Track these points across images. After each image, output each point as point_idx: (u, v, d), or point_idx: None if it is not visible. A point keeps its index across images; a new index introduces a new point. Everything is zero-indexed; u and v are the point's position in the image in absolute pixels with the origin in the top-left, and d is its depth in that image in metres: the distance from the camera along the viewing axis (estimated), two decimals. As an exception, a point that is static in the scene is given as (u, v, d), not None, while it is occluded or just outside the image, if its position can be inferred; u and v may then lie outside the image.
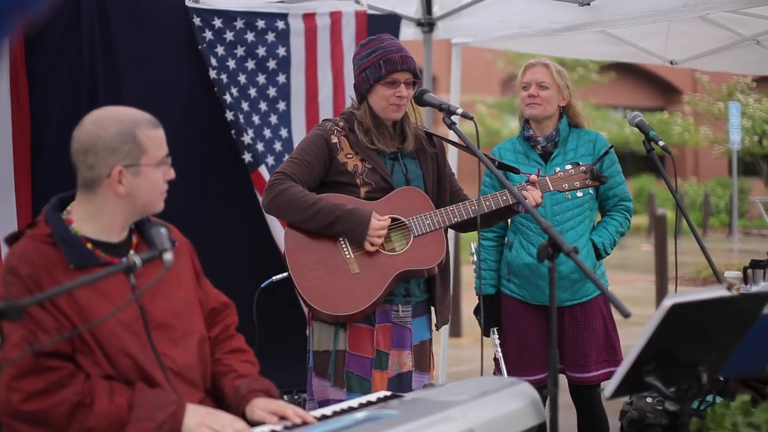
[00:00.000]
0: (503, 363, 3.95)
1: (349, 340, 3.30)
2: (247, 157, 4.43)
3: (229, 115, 4.40)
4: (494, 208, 3.37)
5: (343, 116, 3.47)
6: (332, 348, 3.32)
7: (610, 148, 3.66)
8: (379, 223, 3.25)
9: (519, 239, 4.01)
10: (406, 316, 3.38)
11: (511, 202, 3.37)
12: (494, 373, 4.00)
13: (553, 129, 4.02)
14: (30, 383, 2.17)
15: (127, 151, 2.30)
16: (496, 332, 4.02)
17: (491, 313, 4.03)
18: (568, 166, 3.50)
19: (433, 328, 3.53)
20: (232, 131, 4.42)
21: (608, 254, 4.04)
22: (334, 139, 3.36)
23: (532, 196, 3.36)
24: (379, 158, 3.37)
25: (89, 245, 2.33)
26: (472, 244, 4.14)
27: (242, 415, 2.43)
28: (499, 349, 3.96)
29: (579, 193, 3.53)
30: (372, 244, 3.25)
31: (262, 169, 4.45)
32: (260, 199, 4.41)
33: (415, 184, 3.42)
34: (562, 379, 4.01)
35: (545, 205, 3.93)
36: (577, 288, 3.97)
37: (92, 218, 2.35)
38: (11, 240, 2.36)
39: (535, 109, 3.99)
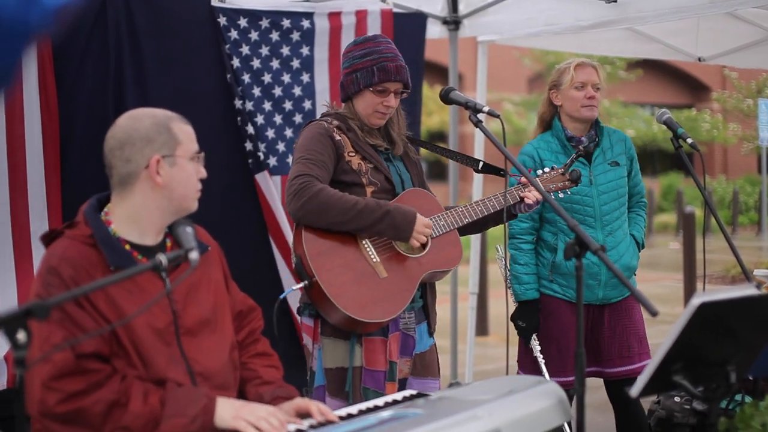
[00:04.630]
0: (545, 368, 3.91)
1: (365, 355, 3.19)
2: (253, 160, 4.44)
3: (238, 120, 4.41)
4: (499, 208, 3.35)
5: (333, 116, 3.33)
6: (349, 365, 3.19)
7: (578, 153, 3.61)
8: (425, 220, 3.19)
9: (564, 240, 3.94)
10: (411, 323, 3.32)
11: (512, 202, 3.36)
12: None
13: (591, 129, 4.03)
14: (69, 384, 2.19)
15: (163, 142, 2.35)
16: (536, 338, 3.97)
17: (533, 318, 3.98)
18: (547, 168, 3.56)
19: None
20: (244, 133, 4.43)
21: (643, 248, 4.11)
22: (338, 137, 3.24)
23: (533, 195, 3.35)
24: (380, 157, 3.31)
25: (127, 247, 2.36)
26: (498, 247, 4.12)
27: None
28: (540, 356, 3.93)
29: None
30: (418, 242, 3.18)
31: (264, 175, 4.45)
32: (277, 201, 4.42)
33: (407, 186, 3.37)
34: (596, 380, 4.01)
35: (594, 205, 3.93)
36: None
37: (130, 219, 2.38)
38: (47, 239, 2.39)
39: (593, 111, 3.96)
